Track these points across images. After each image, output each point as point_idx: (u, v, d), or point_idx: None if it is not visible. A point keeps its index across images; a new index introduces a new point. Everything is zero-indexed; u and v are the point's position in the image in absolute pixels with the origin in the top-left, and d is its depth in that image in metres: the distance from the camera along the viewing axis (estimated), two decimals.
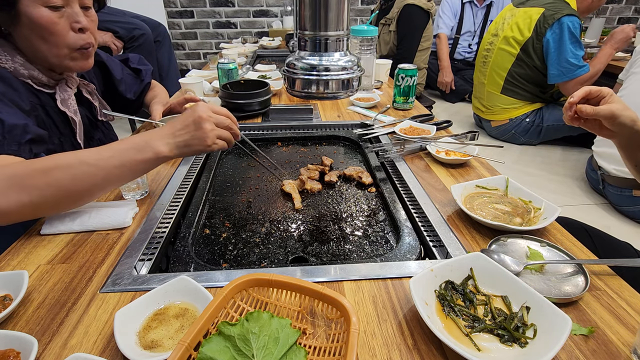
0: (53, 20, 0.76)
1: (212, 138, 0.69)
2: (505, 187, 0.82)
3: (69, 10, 0.78)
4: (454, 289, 0.56)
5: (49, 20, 0.75)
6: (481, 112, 2.61)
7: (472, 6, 3.21)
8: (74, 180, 0.63)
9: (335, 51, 0.75)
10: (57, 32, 0.77)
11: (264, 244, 0.75)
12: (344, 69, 0.75)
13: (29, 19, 0.74)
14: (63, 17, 0.78)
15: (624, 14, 4.13)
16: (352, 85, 0.78)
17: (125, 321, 0.50)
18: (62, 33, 0.78)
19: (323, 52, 0.74)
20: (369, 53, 1.55)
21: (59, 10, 0.77)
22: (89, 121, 0.98)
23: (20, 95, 0.78)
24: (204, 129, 0.68)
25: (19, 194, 0.60)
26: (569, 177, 2.15)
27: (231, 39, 3.88)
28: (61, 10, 0.77)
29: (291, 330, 0.47)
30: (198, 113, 0.69)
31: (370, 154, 1.06)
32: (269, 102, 1.34)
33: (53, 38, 0.77)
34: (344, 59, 0.76)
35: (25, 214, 0.63)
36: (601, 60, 2.16)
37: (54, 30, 0.77)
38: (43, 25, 0.75)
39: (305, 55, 0.75)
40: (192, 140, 0.68)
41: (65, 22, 0.78)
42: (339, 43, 0.74)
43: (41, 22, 0.75)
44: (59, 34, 0.78)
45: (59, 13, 0.77)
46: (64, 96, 0.87)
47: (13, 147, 0.69)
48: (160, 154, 0.67)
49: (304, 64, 0.75)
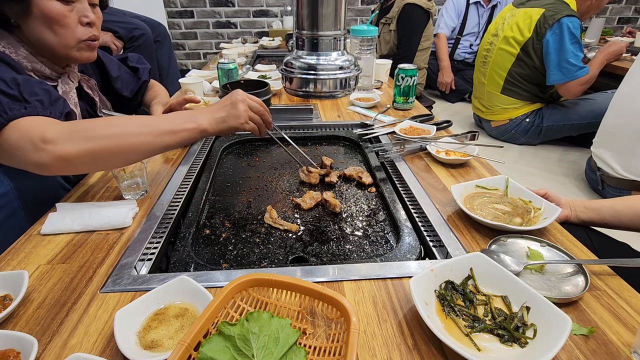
0: (64, 13, 0.80)
1: (244, 117, 0.78)
2: (505, 187, 0.82)
3: (78, 5, 0.82)
4: (454, 289, 0.56)
5: (60, 13, 0.79)
6: (481, 112, 2.61)
7: (479, 7, 3.20)
8: (130, 136, 0.70)
9: (332, 50, 0.75)
10: (66, 24, 0.81)
11: (264, 244, 0.75)
12: (341, 68, 0.76)
13: (41, 11, 0.78)
14: (73, 10, 0.82)
15: (624, 14, 4.12)
16: (349, 84, 0.78)
17: (125, 321, 0.50)
18: (72, 26, 0.82)
19: (320, 51, 0.74)
20: (369, 53, 1.55)
21: (70, 5, 0.81)
22: (90, 116, 0.99)
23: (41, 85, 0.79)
24: (239, 109, 0.77)
25: (83, 142, 0.66)
26: (568, 177, 2.14)
27: (231, 39, 3.88)
28: (72, 5, 0.81)
29: (291, 330, 0.47)
30: (235, 96, 0.79)
31: (370, 154, 1.06)
32: (269, 102, 1.33)
33: (62, 30, 0.81)
34: (341, 58, 0.76)
35: (85, 163, 0.68)
36: (596, 65, 2.18)
37: (64, 22, 0.81)
38: (54, 18, 0.79)
39: (303, 55, 0.75)
40: (228, 117, 0.77)
41: (75, 16, 0.82)
42: (336, 42, 0.74)
43: (52, 14, 0.78)
44: (69, 26, 0.82)
45: (70, 7, 0.81)
46: (65, 89, 0.89)
47: (57, 115, 0.74)
48: (202, 125, 0.75)
49: (302, 63, 0.75)
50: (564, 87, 2.18)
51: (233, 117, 0.78)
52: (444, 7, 3.27)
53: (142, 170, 0.82)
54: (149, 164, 0.99)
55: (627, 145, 1.64)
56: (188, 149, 1.08)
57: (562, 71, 2.11)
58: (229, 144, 1.16)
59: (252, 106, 0.80)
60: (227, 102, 0.79)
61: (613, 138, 1.72)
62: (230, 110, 0.78)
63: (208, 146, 1.12)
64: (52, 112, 0.73)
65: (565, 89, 2.19)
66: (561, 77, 2.13)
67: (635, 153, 1.61)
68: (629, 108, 1.63)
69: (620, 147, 1.68)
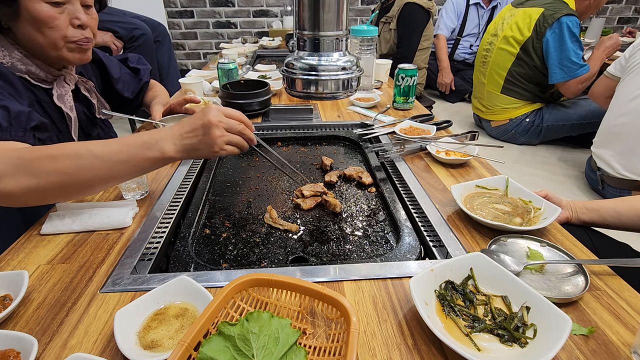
0: (53, 16, 0.78)
1: (219, 144, 0.67)
2: (505, 187, 0.82)
3: (69, 7, 0.81)
4: (454, 289, 0.56)
5: (49, 15, 0.78)
6: (481, 112, 2.61)
7: (478, 7, 3.21)
8: (79, 170, 0.63)
9: (334, 51, 0.75)
10: (56, 26, 0.79)
11: (264, 244, 0.75)
12: (343, 69, 0.75)
13: (30, 14, 0.76)
14: (64, 12, 0.80)
15: (624, 14, 4.12)
16: (351, 85, 0.78)
17: (125, 321, 0.50)
18: (61, 28, 0.80)
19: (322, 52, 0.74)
20: (369, 53, 1.55)
21: (60, 6, 0.79)
22: (87, 118, 0.99)
23: (19, 92, 0.79)
24: (212, 135, 0.66)
25: (27, 178, 0.61)
26: (568, 177, 2.15)
27: (231, 39, 3.88)
28: (62, 7, 0.79)
29: (291, 330, 0.47)
30: (208, 117, 0.67)
31: (370, 154, 1.06)
32: (269, 102, 1.34)
33: (51, 32, 0.79)
34: (343, 59, 0.76)
35: (32, 198, 0.64)
36: (596, 62, 2.18)
37: (54, 25, 0.79)
38: (43, 20, 0.77)
39: (304, 55, 0.75)
40: (200, 144, 0.67)
41: (66, 18, 0.81)
42: (337, 43, 0.74)
43: (41, 16, 0.77)
44: (58, 28, 0.80)
45: (60, 9, 0.79)
46: (60, 92, 0.88)
47: (19, 133, 0.71)
48: (166, 153, 0.66)
49: (303, 64, 0.75)
50: (565, 86, 2.18)
51: (205, 145, 0.67)
52: (444, 8, 3.27)
53: None
54: None
55: (628, 145, 1.64)
56: None
57: (563, 69, 2.12)
58: None
59: (229, 127, 0.68)
60: (197, 125, 0.67)
61: (614, 137, 1.71)
62: (202, 137, 0.67)
63: None
64: (12, 133, 0.69)
65: (566, 88, 2.19)
66: (563, 76, 2.13)
67: (636, 152, 1.61)
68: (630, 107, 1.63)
69: (621, 147, 1.68)
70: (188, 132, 0.67)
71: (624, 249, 0.91)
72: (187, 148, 0.67)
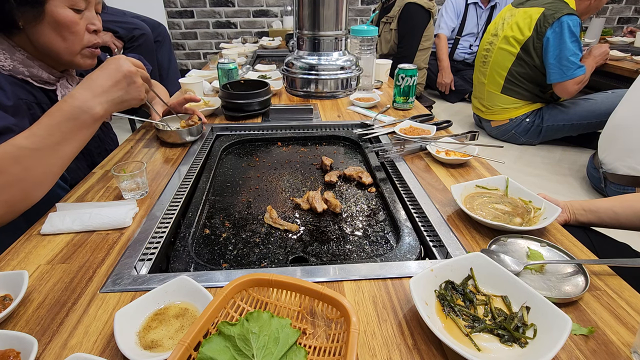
0: (75, 21, 0.81)
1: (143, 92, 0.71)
2: (505, 187, 0.82)
3: (87, 13, 0.84)
4: (454, 289, 0.56)
5: (72, 20, 0.80)
6: (481, 112, 2.61)
7: (477, 7, 3.21)
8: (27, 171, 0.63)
9: (333, 50, 0.75)
10: (76, 31, 0.82)
11: (264, 244, 0.75)
12: (342, 69, 0.75)
13: (53, 18, 0.78)
14: (82, 18, 0.83)
15: (624, 14, 4.12)
16: (350, 85, 0.78)
17: (125, 321, 0.50)
18: (80, 33, 0.83)
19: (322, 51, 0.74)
20: (369, 53, 1.55)
21: (80, 13, 0.82)
22: None
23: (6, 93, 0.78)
24: (137, 84, 0.70)
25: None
26: (568, 177, 2.14)
27: (231, 39, 3.88)
28: (81, 13, 0.82)
29: (291, 330, 0.47)
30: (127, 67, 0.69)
31: (370, 154, 1.06)
32: (269, 102, 1.34)
33: (72, 37, 0.82)
34: (343, 58, 0.76)
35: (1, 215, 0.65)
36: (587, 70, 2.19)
37: (75, 30, 0.82)
38: (66, 25, 0.80)
39: (304, 55, 0.75)
40: (126, 95, 0.70)
41: (84, 23, 0.84)
42: (337, 42, 0.74)
43: (65, 21, 0.79)
44: (78, 33, 0.83)
45: (80, 15, 0.82)
46: (64, 93, 0.89)
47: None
48: (97, 115, 0.67)
49: (303, 64, 0.75)
50: (561, 86, 2.18)
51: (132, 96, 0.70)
52: (443, 7, 3.28)
53: (142, 170, 0.82)
54: (149, 164, 0.99)
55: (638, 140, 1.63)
56: (188, 149, 1.08)
57: (561, 69, 2.12)
58: (229, 144, 1.15)
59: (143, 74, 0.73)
60: (119, 77, 0.70)
61: (622, 132, 1.70)
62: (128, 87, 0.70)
63: (208, 146, 1.12)
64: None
65: (562, 88, 2.19)
66: (561, 75, 2.13)
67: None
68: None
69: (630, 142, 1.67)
70: (111, 87, 0.70)
71: (624, 249, 0.91)
72: (115, 102, 0.70)
